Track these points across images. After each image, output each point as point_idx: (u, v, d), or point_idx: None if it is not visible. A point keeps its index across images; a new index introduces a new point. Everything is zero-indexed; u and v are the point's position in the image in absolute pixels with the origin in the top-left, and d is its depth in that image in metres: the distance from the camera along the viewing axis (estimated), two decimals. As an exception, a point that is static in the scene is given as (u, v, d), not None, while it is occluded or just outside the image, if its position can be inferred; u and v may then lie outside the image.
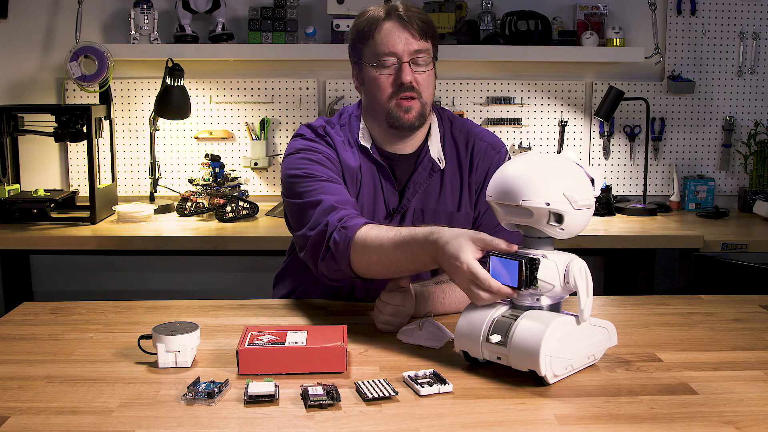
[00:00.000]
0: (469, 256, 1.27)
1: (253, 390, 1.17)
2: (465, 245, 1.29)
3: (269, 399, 1.17)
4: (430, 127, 1.76)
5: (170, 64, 2.88)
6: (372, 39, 1.66)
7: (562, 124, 3.19)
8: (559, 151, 3.19)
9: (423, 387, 1.19)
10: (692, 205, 3.19)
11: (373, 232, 1.46)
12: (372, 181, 1.72)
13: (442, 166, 1.73)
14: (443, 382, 1.21)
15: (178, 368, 1.30)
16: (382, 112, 1.68)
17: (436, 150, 1.74)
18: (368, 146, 1.72)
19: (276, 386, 1.19)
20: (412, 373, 1.24)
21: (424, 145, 1.74)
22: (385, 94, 1.66)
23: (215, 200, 2.82)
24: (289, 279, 1.86)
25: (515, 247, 1.27)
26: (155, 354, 1.31)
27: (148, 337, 1.34)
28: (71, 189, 3.08)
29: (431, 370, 1.26)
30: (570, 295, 1.30)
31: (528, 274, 1.22)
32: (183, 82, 2.92)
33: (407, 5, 1.67)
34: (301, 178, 1.63)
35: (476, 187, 1.75)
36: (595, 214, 1.33)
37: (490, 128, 3.16)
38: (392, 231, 1.44)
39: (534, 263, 1.22)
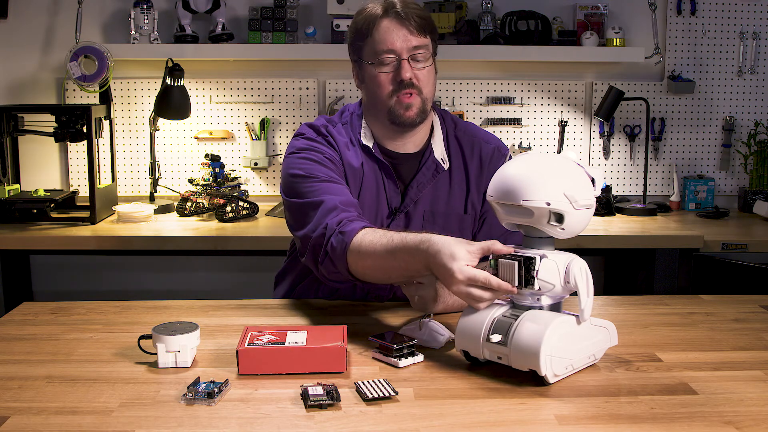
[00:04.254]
0: (462, 264, 1.27)
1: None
2: (457, 253, 1.29)
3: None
4: (432, 128, 1.76)
5: (170, 64, 2.88)
6: (371, 37, 1.66)
7: (562, 124, 3.19)
8: (559, 151, 3.19)
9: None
10: (692, 205, 3.19)
11: (368, 237, 1.47)
12: (374, 179, 1.72)
13: (445, 167, 1.73)
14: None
15: (178, 368, 1.30)
16: (383, 110, 1.68)
17: (439, 151, 1.74)
18: (370, 145, 1.72)
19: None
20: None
21: (428, 145, 1.74)
22: (385, 91, 1.66)
23: (215, 200, 2.82)
24: (290, 279, 1.86)
25: (511, 249, 1.27)
26: (155, 354, 1.31)
27: (148, 337, 1.34)
28: (71, 189, 3.08)
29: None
30: (570, 295, 1.30)
31: (524, 274, 1.23)
32: (183, 82, 2.92)
33: (405, 1, 1.66)
34: (302, 178, 1.63)
35: (484, 189, 1.75)
36: (595, 214, 1.33)
37: (490, 128, 3.16)
38: (386, 237, 1.44)
39: (530, 262, 1.22)
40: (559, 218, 1.23)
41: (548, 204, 1.21)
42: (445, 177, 1.74)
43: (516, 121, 3.20)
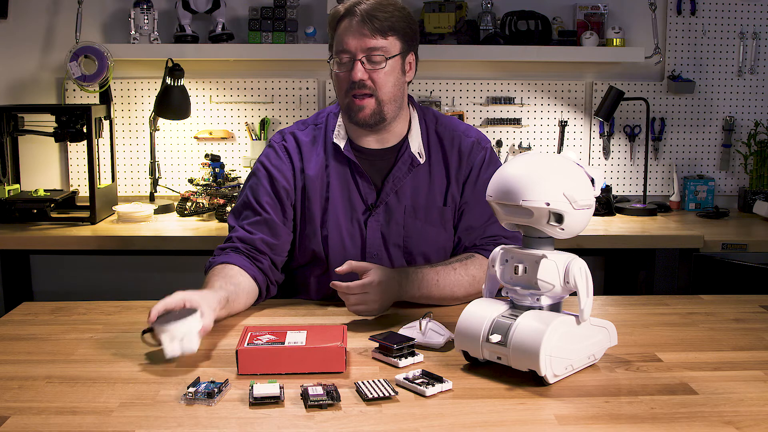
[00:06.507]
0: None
1: (258, 392, 1.17)
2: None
3: (274, 401, 1.16)
4: (411, 123, 1.77)
5: (170, 64, 2.88)
6: (334, 35, 1.70)
7: (562, 124, 3.19)
8: (559, 151, 3.19)
9: (427, 388, 1.19)
10: (692, 205, 3.19)
11: (213, 271, 1.68)
12: (343, 179, 1.73)
13: (422, 160, 1.74)
14: (440, 380, 1.21)
15: (184, 363, 1.30)
16: (343, 107, 1.71)
17: (416, 145, 1.75)
18: (341, 145, 1.73)
19: (281, 387, 1.18)
20: (409, 374, 1.24)
21: (405, 140, 1.75)
22: (342, 89, 1.69)
23: (215, 200, 2.82)
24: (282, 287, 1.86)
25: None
26: (160, 346, 1.31)
27: (150, 331, 1.34)
28: (71, 189, 3.08)
29: (420, 370, 1.26)
30: (570, 295, 1.30)
31: None
32: (183, 82, 2.92)
33: (372, 1, 1.65)
34: (246, 196, 1.75)
35: (463, 180, 1.76)
36: (595, 214, 1.33)
37: (490, 128, 3.16)
38: (217, 282, 1.61)
39: None
40: (559, 218, 1.23)
41: (548, 204, 1.21)
42: (425, 171, 1.75)
43: (516, 121, 3.20)
